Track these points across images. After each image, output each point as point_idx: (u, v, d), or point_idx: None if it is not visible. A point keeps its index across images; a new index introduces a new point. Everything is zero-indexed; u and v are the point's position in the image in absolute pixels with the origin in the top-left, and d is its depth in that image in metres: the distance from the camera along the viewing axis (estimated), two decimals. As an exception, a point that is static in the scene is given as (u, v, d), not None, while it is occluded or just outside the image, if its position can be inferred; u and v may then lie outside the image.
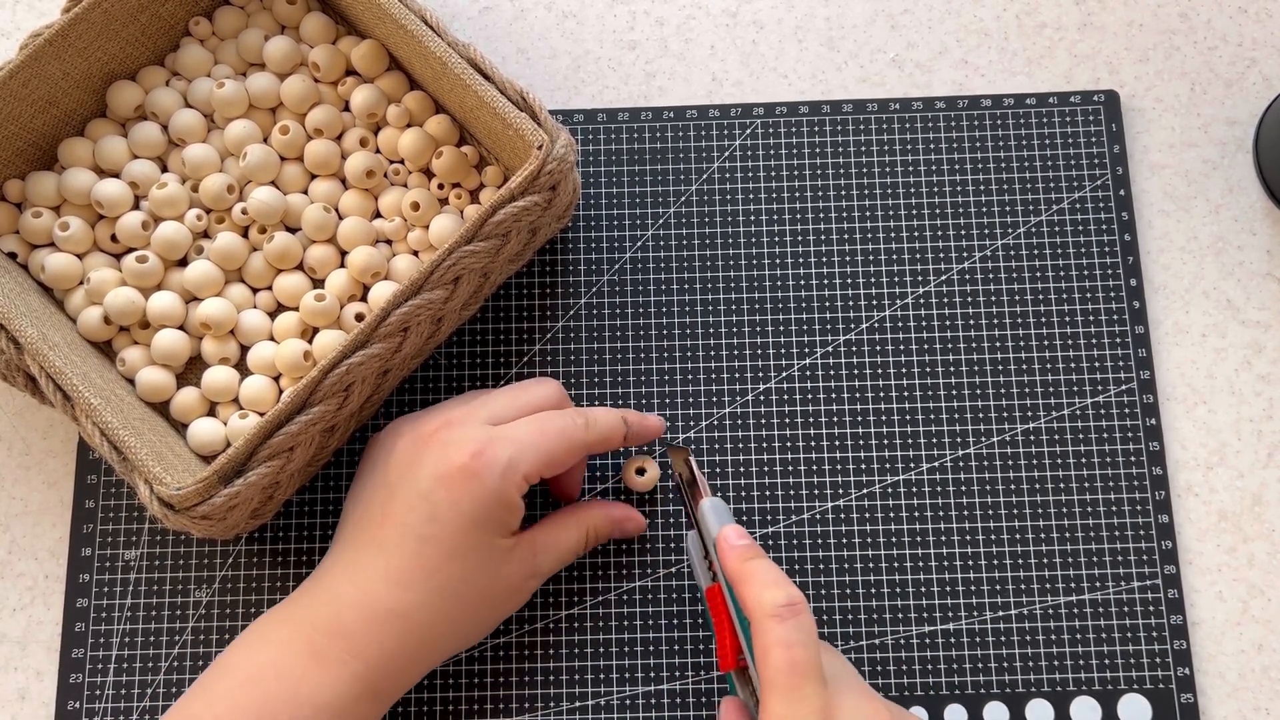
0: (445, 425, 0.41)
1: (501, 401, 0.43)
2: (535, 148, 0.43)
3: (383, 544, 0.40)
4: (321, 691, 0.38)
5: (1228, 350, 0.49)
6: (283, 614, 0.41)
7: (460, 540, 0.40)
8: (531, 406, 0.43)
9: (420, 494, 0.40)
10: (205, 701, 0.39)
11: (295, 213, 0.48)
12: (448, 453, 0.40)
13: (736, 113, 0.52)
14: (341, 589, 0.40)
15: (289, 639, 0.39)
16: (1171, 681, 0.45)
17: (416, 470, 0.40)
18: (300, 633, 0.39)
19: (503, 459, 0.40)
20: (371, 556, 0.40)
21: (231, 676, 0.39)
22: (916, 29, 0.53)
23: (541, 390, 0.44)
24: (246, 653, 0.40)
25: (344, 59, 0.49)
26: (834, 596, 0.46)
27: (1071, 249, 0.49)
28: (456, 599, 0.40)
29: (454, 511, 0.39)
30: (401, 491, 0.40)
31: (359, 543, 0.41)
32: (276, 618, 0.41)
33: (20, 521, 0.48)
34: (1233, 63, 0.52)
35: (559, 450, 0.41)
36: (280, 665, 0.39)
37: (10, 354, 0.43)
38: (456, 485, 0.39)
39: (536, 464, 0.41)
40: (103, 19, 0.46)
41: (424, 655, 0.41)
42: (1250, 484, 0.47)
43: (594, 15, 0.54)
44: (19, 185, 0.48)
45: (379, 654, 0.39)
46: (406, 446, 0.41)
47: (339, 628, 0.39)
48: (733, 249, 0.50)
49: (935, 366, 0.48)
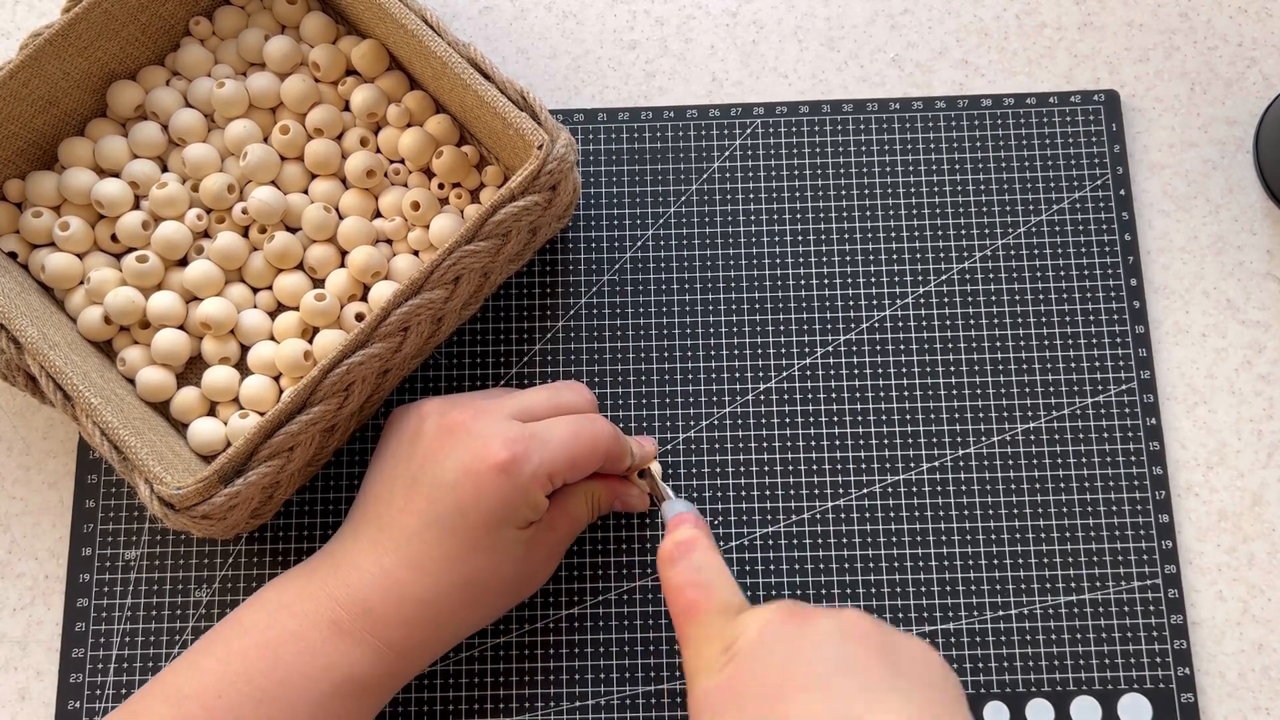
0: (474, 416, 0.41)
1: (535, 398, 0.43)
2: (535, 147, 0.43)
3: (406, 530, 0.40)
4: (341, 667, 0.39)
5: (1228, 350, 0.49)
6: (304, 582, 0.40)
7: (483, 536, 0.40)
8: (564, 410, 0.43)
9: (447, 485, 0.39)
10: (218, 657, 0.39)
11: (295, 212, 0.48)
12: (476, 447, 0.40)
13: (736, 113, 0.52)
14: (365, 568, 0.40)
15: (312, 610, 0.39)
16: (1171, 681, 0.45)
17: (443, 460, 0.40)
18: (324, 606, 0.39)
19: (534, 461, 0.40)
20: (395, 541, 0.40)
21: (249, 637, 0.39)
22: (916, 29, 0.53)
23: (573, 395, 0.44)
24: (266, 616, 0.40)
25: (344, 59, 0.49)
26: (834, 596, 0.46)
27: (1071, 249, 0.50)
28: (482, 589, 0.41)
29: (479, 507, 0.39)
30: (426, 479, 0.40)
31: (381, 523, 0.41)
32: (297, 586, 0.40)
33: (20, 521, 0.48)
34: (1233, 63, 0.52)
35: (585, 454, 0.41)
36: (299, 634, 0.39)
37: (10, 354, 0.43)
38: (486, 482, 0.39)
39: (566, 467, 0.41)
40: (103, 19, 0.46)
41: (445, 639, 0.41)
42: (1250, 484, 0.47)
43: (594, 15, 0.54)
44: (19, 185, 0.48)
45: (402, 637, 0.39)
46: (433, 432, 0.41)
47: (365, 608, 0.39)
48: (733, 249, 0.50)
49: (935, 366, 0.48)
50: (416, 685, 0.46)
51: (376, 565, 0.40)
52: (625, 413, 0.48)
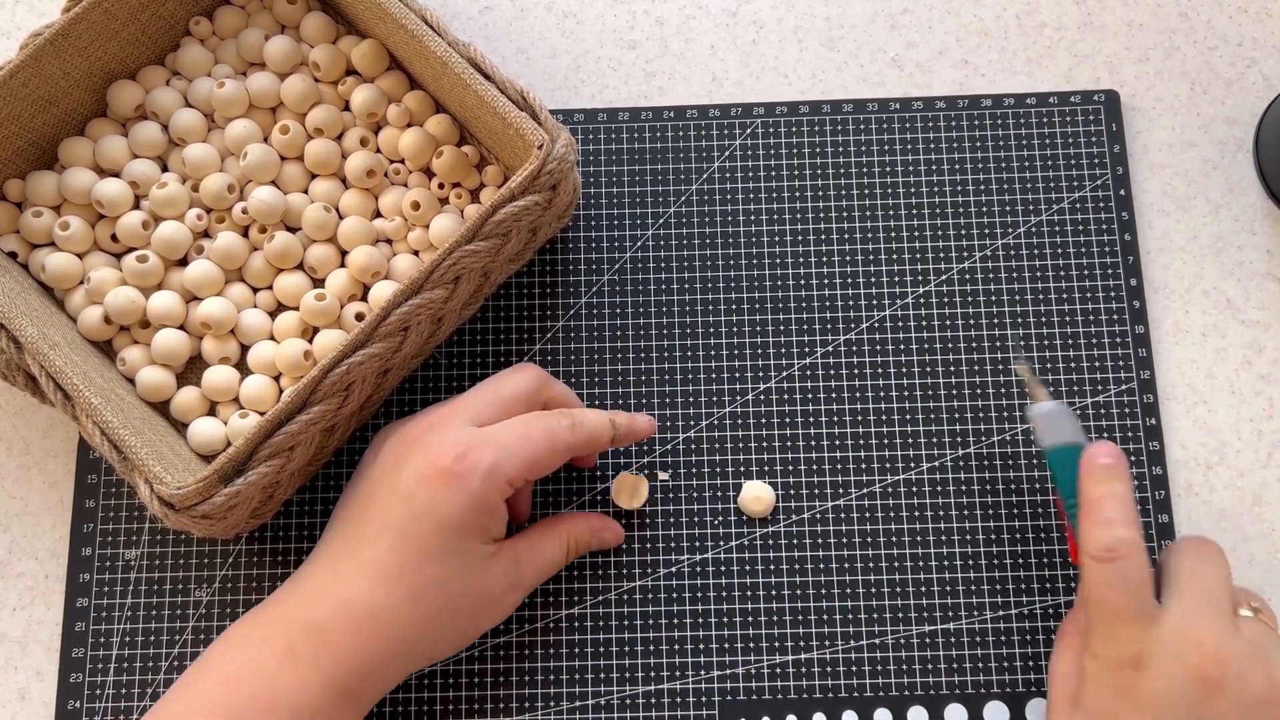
0: (429, 428, 0.41)
1: (482, 398, 0.42)
2: (535, 147, 0.43)
3: (360, 540, 0.40)
4: (296, 693, 0.38)
5: (1228, 350, 0.49)
6: (262, 613, 0.40)
7: (438, 543, 0.39)
8: (513, 400, 0.42)
9: (401, 494, 0.40)
10: (184, 701, 0.38)
11: (295, 212, 0.48)
12: (429, 454, 0.40)
13: (736, 113, 0.52)
14: (320, 584, 0.40)
15: (268, 638, 0.39)
16: (1171, 681, 0.45)
17: (399, 471, 0.40)
18: (279, 631, 0.39)
19: (485, 462, 0.40)
20: (351, 552, 0.40)
21: (210, 675, 0.39)
22: (916, 29, 0.53)
23: (519, 379, 0.43)
24: (226, 650, 0.40)
25: (344, 59, 0.49)
26: (834, 596, 0.46)
27: (1071, 249, 0.50)
28: (432, 602, 0.40)
29: (433, 513, 0.39)
30: (382, 491, 0.40)
31: (340, 538, 0.41)
32: (255, 617, 0.40)
33: (20, 521, 0.48)
34: (1233, 63, 0.52)
35: (543, 453, 0.41)
36: (257, 664, 0.38)
37: (10, 353, 0.43)
38: (437, 487, 0.39)
39: (520, 467, 0.40)
40: (103, 18, 0.47)
41: (400, 659, 0.40)
42: (1250, 484, 0.47)
43: (594, 15, 0.54)
44: (19, 185, 0.48)
45: (354, 654, 0.39)
46: (392, 448, 0.41)
47: (315, 624, 0.39)
48: (733, 249, 0.50)
49: (935, 366, 0.48)
50: (417, 685, 0.46)
51: (331, 579, 0.40)
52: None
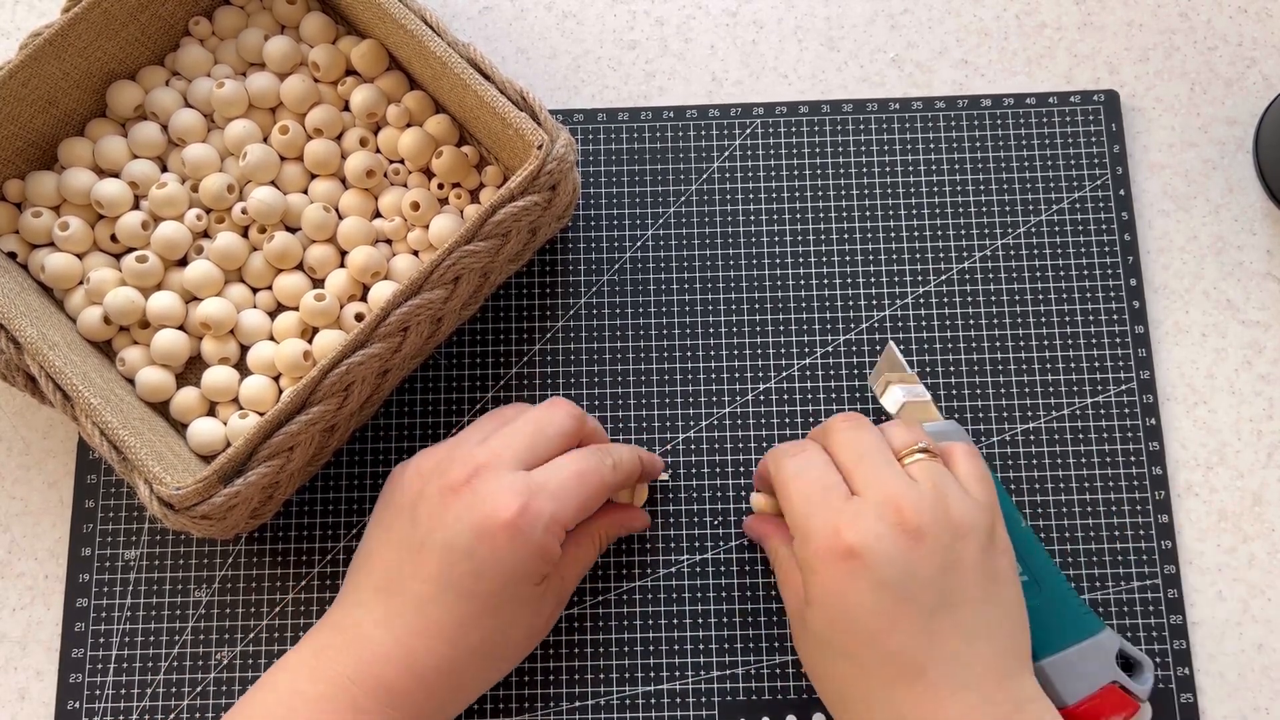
0: (476, 474, 0.40)
1: (525, 439, 0.41)
2: (535, 147, 0.43)
3: (419, 598, 0.39)
4: None
5: (1228, 350, 0.49)
6: (314, 664, 0.39)
7: (500, 594, 0.39)
8: (558, 441, 0.42)
9: (462, 550, 0.38)
10: None
11: (295, 212, 0.48)
12: (486, 508, 0.39)
13: (736, 113, 0.52)
14: (377, 640, 0.39)
15: (329, 694, 0.38)
16: (1171, 681, 0.45)
17: (452, 524, 0.39)
18: (341, 689, 0.38)
19: (546, 514, 0.39)
20: (410, 611, 0.39)
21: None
22: (916, 29, 0.53)
23: (562, 420, 0.42)
24: (280, 706, 0.38)
25: (344, 59, 0.49)
26: (834, 596, 0.46)
27: (1071, 249, 0.49)
28: (496, 648, 0.40)
29: (497, 569, 0.39)
30: (436, 544, 0.39)
31: (390, 591, 0.39)
32: (308, 668, 0.39)
33: (20, 521, 0.48)
34: (1233, 63, 0.52)
35: (594, 498, 0.41)
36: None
37: (10, 354, 0.43)
38: (501, 543, 0.38)
39: (575, 514, 0.40)
40: (103, 19, 0.46)
41: (462, 701, 0.41)
42: (1250, 484, 0.47)
43: (594, 15, 0.54)
44: (19, 185, 0.48)
45: (420, 705, 0.39)
46: (436, 494, 0.40)
47: (381, 683, 0.38)
48: (733, 249, 0.50)
49: (935, 366, 0.48)
50: (416, 685, 0.46)
51: (389, 637, 0.39)
52: (625, 413, 0.48)
